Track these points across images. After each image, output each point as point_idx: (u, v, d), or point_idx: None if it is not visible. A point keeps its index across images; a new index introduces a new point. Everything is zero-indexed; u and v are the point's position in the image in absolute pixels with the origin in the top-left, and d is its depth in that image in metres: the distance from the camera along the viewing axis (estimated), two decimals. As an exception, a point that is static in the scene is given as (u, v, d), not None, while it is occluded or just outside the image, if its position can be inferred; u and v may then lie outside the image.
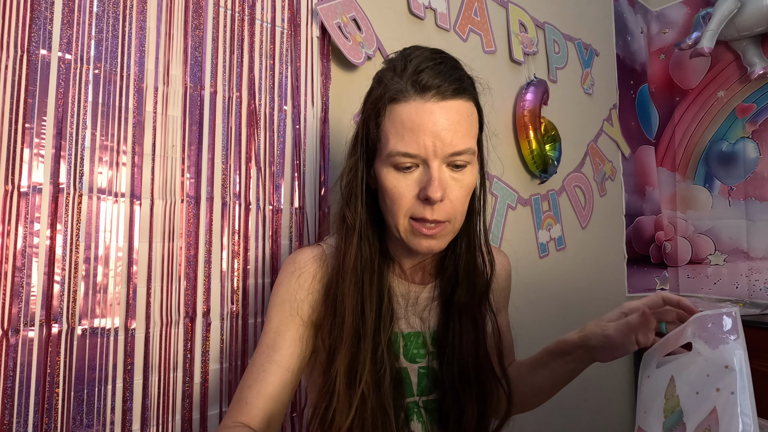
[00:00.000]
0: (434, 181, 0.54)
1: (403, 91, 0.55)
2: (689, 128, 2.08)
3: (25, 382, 0.64)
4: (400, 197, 0.56)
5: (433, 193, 0.54)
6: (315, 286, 0.62)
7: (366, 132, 0.60)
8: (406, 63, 0.56)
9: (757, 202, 1.87)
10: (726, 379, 0.47)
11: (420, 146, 0.54)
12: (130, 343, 0.73)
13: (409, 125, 0.54)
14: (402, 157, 0.55)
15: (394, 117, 0.55)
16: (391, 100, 0.56)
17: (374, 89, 0.60)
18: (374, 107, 0.58)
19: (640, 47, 2.11)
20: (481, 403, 0.63)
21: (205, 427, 0.80)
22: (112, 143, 0.74)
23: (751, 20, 1.77)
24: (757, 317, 1.62)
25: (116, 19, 0.75)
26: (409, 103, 0.54)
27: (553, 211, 1.59)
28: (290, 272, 0.63)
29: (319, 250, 0.66)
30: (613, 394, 1.81)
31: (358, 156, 0.60)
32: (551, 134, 1.50)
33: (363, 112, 0.62)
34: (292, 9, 0.96)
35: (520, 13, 1.52)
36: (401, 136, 0.55)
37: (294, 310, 0.61)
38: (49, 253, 0.67)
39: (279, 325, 0.61)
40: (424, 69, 0.55)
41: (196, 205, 0.81)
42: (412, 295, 0.66)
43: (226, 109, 0.86)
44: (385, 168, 0.57)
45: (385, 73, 0.59)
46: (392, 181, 0.57)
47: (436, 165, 0.55)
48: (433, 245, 0.58)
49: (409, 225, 0.58)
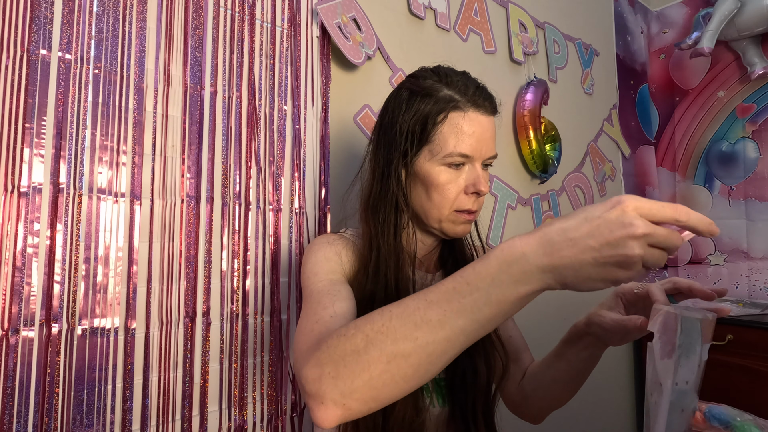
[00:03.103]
0: (481, 178, 0.66)
1: (464, 104, 0.65)
2: (689, 128, 2.08)
3: (25, 382, 0.64)
4: (451, 191, 0.66)
5: (483, 188, 0.66)
6: (349, 255, 0.69)
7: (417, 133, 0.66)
8: (460, 81, 0.67)
9: (757, 202, 1.87)
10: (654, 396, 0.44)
11: (473, 149, 0.65)
12: (130, 343, 0.73)
13: (469, 132, 0.65)
14: (459, 157, 0.65)
15: (454, 124, 0.65)
16: (453, 109, 0.65)
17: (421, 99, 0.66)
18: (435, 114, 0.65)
19: (640, 47, 2.11)
20: (488, 363, 0.69)
21: (205, 427, 0.80)
22: (112, 143, 0.74)
23: (751, 20, 1.77)
24: (757, 317, 1.62)
25: (116, 19, 0.75)
26: (468, 114, 0.65)
27: (553, 211, 1.59)
28: (325, 242, 0.69)
29: (341, 234, 0.73)
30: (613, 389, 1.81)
31: (400, 151, 0.67)
32: (551, 134, 1.50)
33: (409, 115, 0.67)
34: (292, 9, 0.96)
35: (520, 13, 1.52)
36: (462, 141, 0.64)
37: (339, 265, 0.66)
38: (49, 253, 0.67)
39: (331, 272, 0.64)
40: (479, 91, 0.67)
41: (196, 205, 0.81)
42: (427, 282, 0.73)
43: (226, 109, 0.86)
44: (437, 166, 0.66)
45: (433, 84, 0.67)
46: (446, 177, 0.66)
47: (479, 165, 0.67)
48: (467, 229, 0.70)
49: (452, 215, 0.67)
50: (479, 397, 0.68)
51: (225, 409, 0.82)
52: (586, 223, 0.37)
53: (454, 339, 0.40)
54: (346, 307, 0.56)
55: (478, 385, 0.68)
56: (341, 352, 0.42)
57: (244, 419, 0.84)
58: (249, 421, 0.85)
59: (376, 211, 0.69)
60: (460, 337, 0.40)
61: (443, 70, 0.69)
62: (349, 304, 0.58)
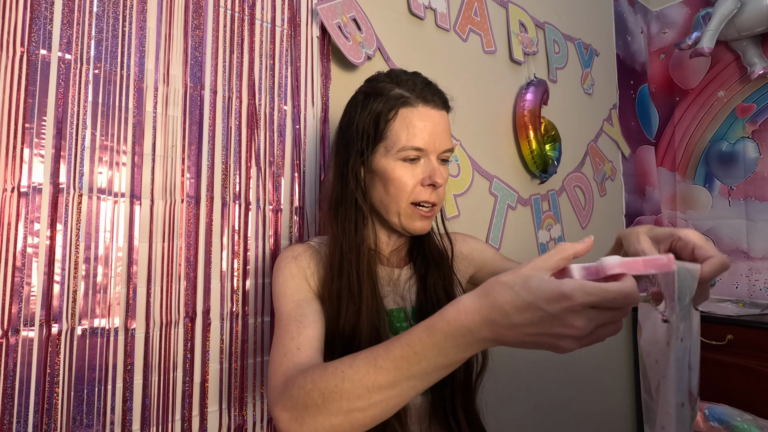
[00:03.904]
0: (437, 170, 0.68)
1: (413, 100, 0.68)
2: (689, 128, 2.08)
3: (25, 382, 0.64)
4: (407, 184, 0.68)
5: (438, 179, 0.68)
6: (314, 267, 0.71)
7: (371, 132, 0.69)
8: (409, 80, 0.70)
9: (757, 202, 1.87)
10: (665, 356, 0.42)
11: (426, 142, 0.68)
12: (130, 343, 0.73)
13: (420, 126, 0.68)
14: (413, 151, 0.67)
15: (405, 119, 0.68)
16: (403, 105, 0.68)
17: (373, 98, 0.70)
18: (386, 112, 0.68)
19: (640, 47, 2.11)
20: None
21: (205, 427, 0.80)
22: (112, 143, 0.74)
23: (751, 20, 1.77)
24: (757, 317, 1.62)
25: (116, 19, 0.75)
26: (418, 109, 0.68)
27: (553, 211, 1.59)
28: (291, 257, 0.71)
29: (308, 245, 0.75)
30: (613, 390, 1.81)
31: (357, 151, 0.70)
32: (551, 134, 1.50)
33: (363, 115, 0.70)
34: (292, 9, 0.96)
35: (520, 13, 1.52)
36: (413, 135, 0.67)
37: (305, 280, 0.69)
38: (49, 253, 0.67)
39: (297, 291, 0.67)
40: (427, 86, 0.70)
41: (196, 205, 0.81)
42: (394, 277, 0.75)
43: (226, 109, 0.86)
44: (392, 162, 0.68)
45: (383, 84, 0.70)
46: (400, 171, 0.68)
47: (434, 158, 0.69)
48: (425, 226, 0.71)
49: (409, 209, 0.70)
50: (457, 391, 0.70)
51: (225, 409, 0.82)
52: (528, 312, 0.38)
53: (406, 394, 0.44)
54: (311, 333, 0.60)
55: (456, 379, 0.70)
56: (302, 404, 0.46)
57: (244, 419, 0.84)
58: (249, 421, 0.85)
59: (337, 211, 0.72)
60: (413, 392, 0.44)
61: (395, 72, 0.73)
62: (314, 327, 0.61)
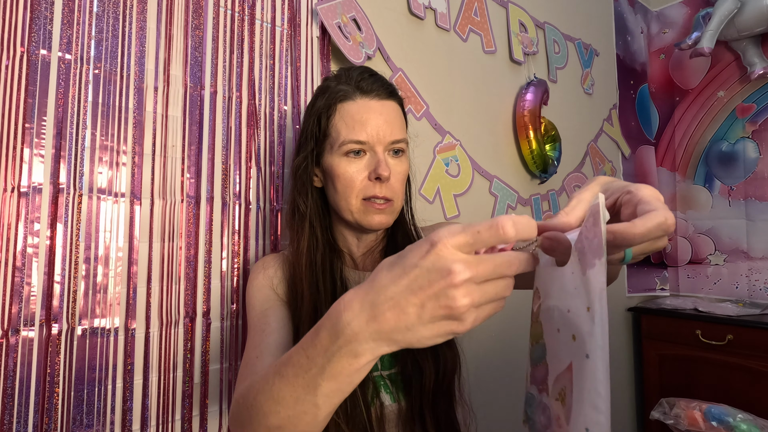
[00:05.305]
0: (382, 162, 0.65)
1: (351, 92, 0.67)
2: (689, 128, 2.08)
3: (25, 382, 0.64)
4: (353, 180, 0.66)
5: (383, 171, 0.65)
6: (281, 274, 0.71)
7: (315, 131, 0.69)
8: (350, 74, 0.69)
9: (757, 202, 1.87)
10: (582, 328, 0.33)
11: (368, 134, 0.65)
12: (130, 343, 0.73)
13: (359, 118, 0.66)
14: (354, 144, 0.66)
15: (344, 113, 0.67)
16: (341, 100, 0.67)
17: (319, 97, 0.70)
18: (326, 109, 0.68)
19: (640, 47, 2.11)
20: (436, 360, 0.67)
21: (205, 427, 0.80)
22: (112, 143, 0.74)
23: (751, 20, 1.77)
24: (757, 317, 1.62)
25: (116, 19, 0.75)
26: (357, 102, 0.67)
27: (553, 211, 1.59)
28: (261, 268, 0.72)
29: (280, 253, 0.76)
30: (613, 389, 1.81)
31: (307, 153, 0.70)
32: (551, 134, 1.50)
33: (310, 116, 0.71)
34: (292, 9, 0.96)
35: (520, 13, 1.52)
36: (352, 128, 0.66)
37: (271, 290, 0.69)
38: (49, 253, 0.67)
39: (264, 302, 0.67)
40: (365, 77, 0.68)
41: (196, 205, 0.81)
42: (359, 280, 0.72)
43: (226, 109, 0.86)
44: (337, 158, 0.67)
45: (329, 83, 0.70)
46: (345, 167, 0.67)
47: (380, 150, 0.66)
48: (383, 220, 0.68)
49: (361, 205, 0.68)
50: (426, 397, 0.66)
51: (225, 409, 0.82)
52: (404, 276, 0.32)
53: (311, 412, 0.38)
54: (272, 340, 0.61)
55: (424, 385, 0.66)
56: (240, 420, 0.47)
57: (244, 419, 0.84)
58: (249, 421, 0.85)
59: (293, 216, 0.72)
60: (315, 410, 0.38)
61: (342, 70, 0.72)
62: (276, 335, 0.62)
